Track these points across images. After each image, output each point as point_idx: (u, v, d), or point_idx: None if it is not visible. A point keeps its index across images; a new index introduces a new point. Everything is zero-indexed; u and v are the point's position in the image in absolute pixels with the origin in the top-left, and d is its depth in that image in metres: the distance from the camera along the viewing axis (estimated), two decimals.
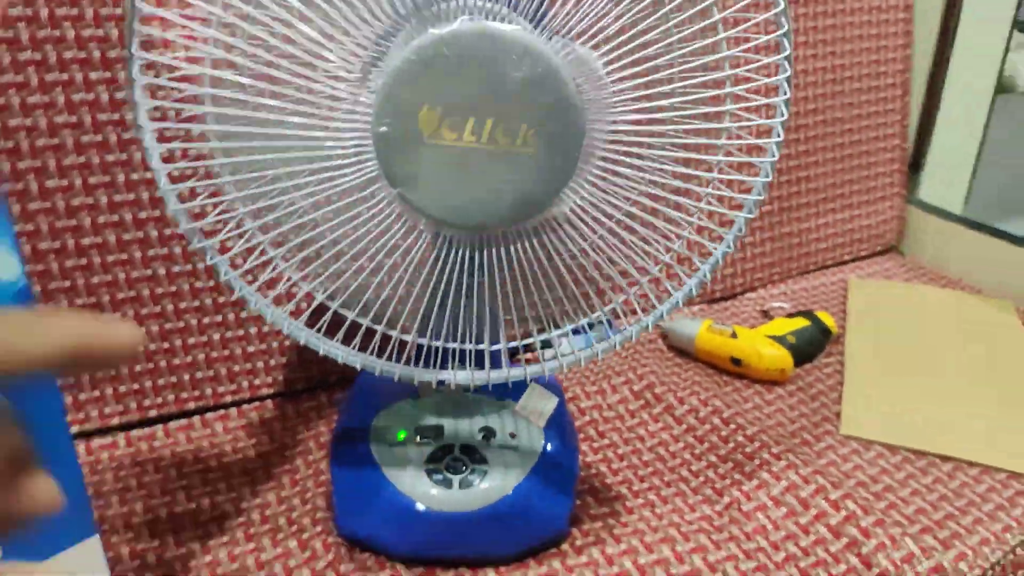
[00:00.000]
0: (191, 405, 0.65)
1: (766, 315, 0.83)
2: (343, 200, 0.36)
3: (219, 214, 0.38)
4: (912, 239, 1.00)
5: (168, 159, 0.37)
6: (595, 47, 0.35)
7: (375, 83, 0.34)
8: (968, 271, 0.93)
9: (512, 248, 0.38)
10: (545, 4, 0.36)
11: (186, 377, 0.64)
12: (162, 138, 0.38)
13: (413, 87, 0.34)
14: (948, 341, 0.78)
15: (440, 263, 0.39)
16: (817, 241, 0.93)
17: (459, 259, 0.39)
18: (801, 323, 0.76)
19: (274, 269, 0.39)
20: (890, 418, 0.66)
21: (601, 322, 0.48)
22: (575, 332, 0.49)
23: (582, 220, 0.38)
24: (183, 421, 0.64)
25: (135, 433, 0.63)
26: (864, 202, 0.96)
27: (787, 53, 0.37)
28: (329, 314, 0.42)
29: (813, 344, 0.75)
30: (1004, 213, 0.97)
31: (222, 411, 0.66)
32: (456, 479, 0.51)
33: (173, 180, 0.39)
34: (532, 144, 0.35)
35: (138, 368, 0.62)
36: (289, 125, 0.33)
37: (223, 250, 0.41)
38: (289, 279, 0.40)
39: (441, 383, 0.47)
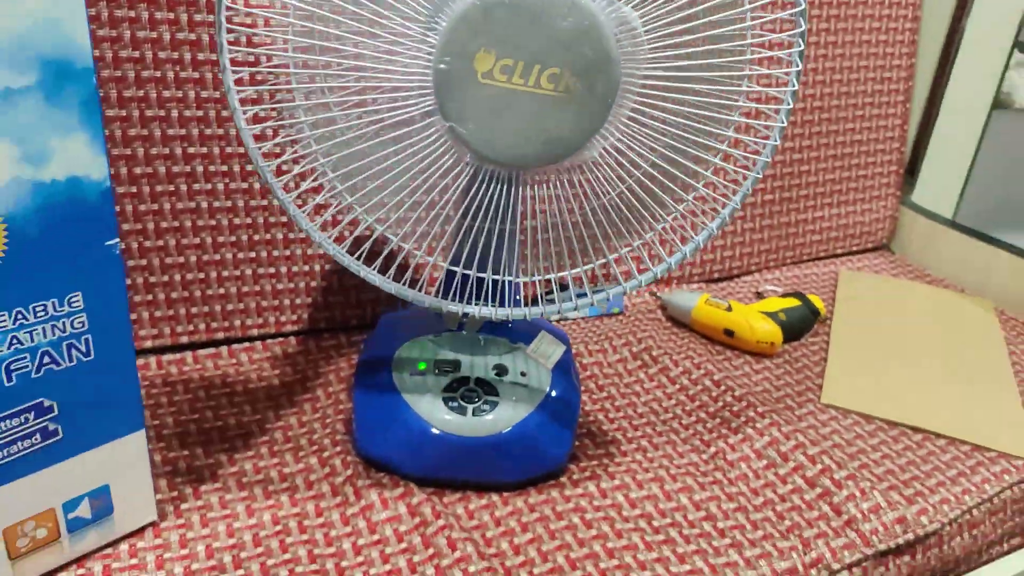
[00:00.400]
0: (220, 335, 0.69)
1: (759, 296, 0.88)
2: (401, 129, 0.40)
3: (284, 137, 0.42)
4: (903, 238, 1.05)
5: (240, 83, 0.42)
6: (635, 7, 0.40)
7: (440, 25, 0.38)
8: (953, 272, 0.98)
9: (545, 186, 0.43)
10: None
11: (218, 308, 0.68)
12: (235, 63, 0.43)
13: (473, 31, 0.38)
14: (928, 329, 0.83)
15: (480, 195, 0.43)
16: (812, 232, 0.98)
17: (497, 193, 0.43)
18: (792, 303, 0.81)
19: (330, 193, 0.43)
20: (868, 391, 0.71)
21: (603, 289, 0.52)
22: (580, 296, 0.53)
23: (608, 164, 0.43)
24: (211, 350, 0.68)
25: (166, 357, 0.67)
26: (860, 199, 1.00)
27: (802, 29, 0.42)
28: (371, 240, 0.46)
29: (803, 323, 0.80)
30: (992, 221, 1.02)
31: (248, 343, 0.70)
32: (470, 408, 0.55)
33: (243, 104, 0.43)
34: (572, 90, 0.40)
35: (174, 295, 0.66)
36: (363, 57, 0.38)
37: (279, 173, 0.45)
38: (338, 203, 0.44)
39: (466, 315, 0.51)
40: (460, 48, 0.38)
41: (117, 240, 0.40)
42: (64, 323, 0.39)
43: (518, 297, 0.52)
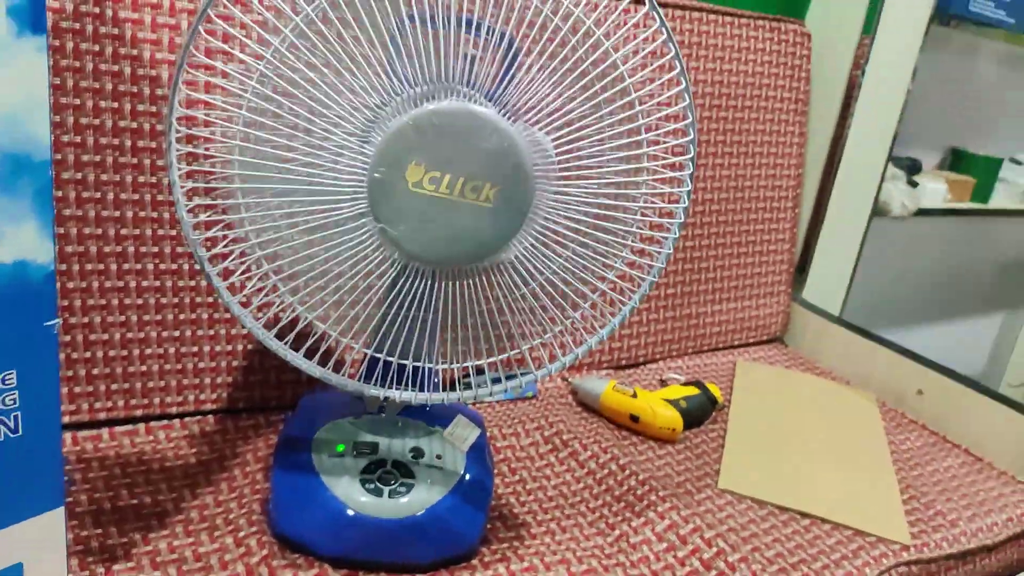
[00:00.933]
0: (138, 412, 0.69)
1: (663, 383, 0.94)
2: (335, 228, 0.44)
3: (222, 231, 0.46)
4: (795, 332, 1.14)
5: (188, 184, 0.45)
6: (547, 132, 0.45)
7: (375, 139, 0.43)
8: (840, 364, 1.07)
9: (465, 282, 0.47)
10: (507, 95, 0.46)
11: (138, 385, 0.69)
12: (187, 173, 0.46)
13: (406, 146, 0.43)
14: (816, 419, 0.90)
15: (405, 289, 0.47)
16: (712, 325, 1.05)
17: (421, 288, 0.47)
18: (692, 391, 0.87)
19: (262, 282, 0.46)
20: (761, 477, 0.76)
21: (507, 365, 0.56)
22: (495, 381, 0.57)
23: (523, 265, 0.48)
24: (129, 427, 0.69)
25: (82, 433, 0.67)
26: (755, 295, 1.09)
27: (692, 137, 0.49)
28: (300, 326, 0.49)
29: (702, 410, 0.86)
30: (873, 318, 1.13)
31: (166, 421, 0.71)
32: (386, 489, 0.57)
33: (188, 197, 0.46)
34: (492, 200, 0.45)
35: (95, 371, 0.67)
36: (303, 164, 0.42)
37: (225, 273, 0.48)
38: (269, 291, 0.47)
39: (386, 399, 0.54)
40: (394, 160, 0.43)
41: (56, 320, 0.42)
42: None
43: (436, 381, 0.56)
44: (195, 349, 0.71)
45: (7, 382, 0.41)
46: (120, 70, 0.63)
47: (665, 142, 0.47)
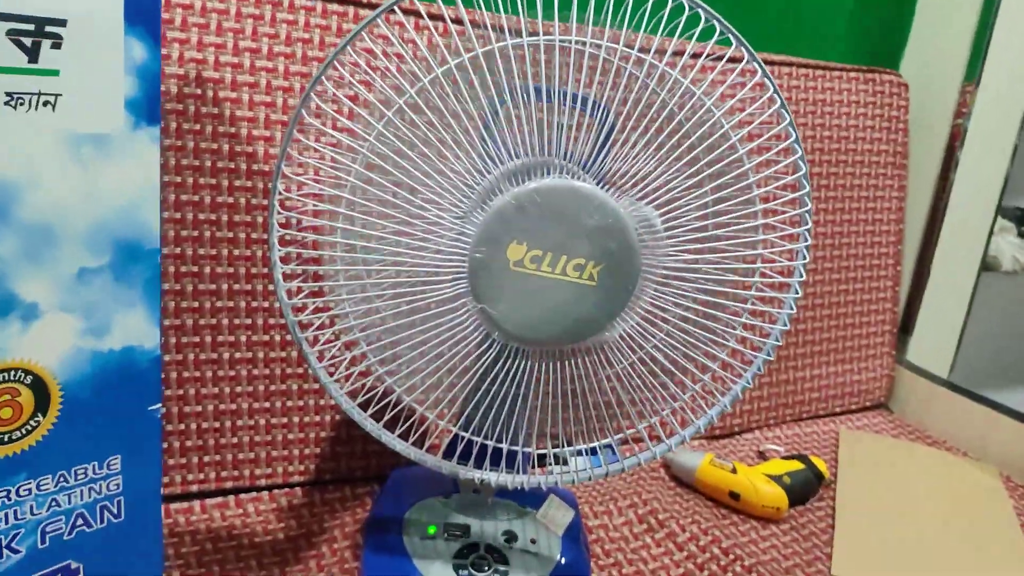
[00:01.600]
0: (228, 484, 0.69)
1: (761, 456, 0.89)
2: (435, 309, 0.43)
3: (320, 311, 0.45)
4: (900, 397, 1.07)
5: (285, 259, 0.45)
6: (656, 207, 0.43)
7: (478, 218, 0.42)
8: (952, 432, 0.99)
9: (567, 362, 0.45)
10: (611, 170, 0.45)
11: (229, 457, 0.69)
12: (283, 242, 0.46)
13: (508, 224, 0.41)
14: (935, 497, 0.83)
15: (505, 369, 0.45)
16: (811, 391, 1.00)
17: (520, 368, 0.46)
18: (796, 466, 0.81)
19: (361, 364, 0.45)
20: (879, 564, 0.70)
21: (609, 446, 0.53)
22: (587, 452, 0.54)
23: (628, 345, 0.45)
24: (219, 499, 0.68)
25: (174, 506, 0.67)
26: (856, 358, 1.03)
27: (808, 226, 0.46)
28: (400, 408, 0.48)
29: (807, 486, 0.80)
30: (987, 381, 1.05)
31: (255, 493, 0.70)
32: None
33: (285, 278, 0.46)
34: (596, 278, 0.43)
35: (188, 443, 0.67)
36: (404, 244, 0.41)
37: (313, 342, 0.48)
38: (367, 371, 0.46)
39: (482, 481, 0.52)
40: (494, 239, 0.42)
41: (160, 405, 0.42)
42: (101, 485, 0.40)
43: (532, 461, 0.54)
44: (285, 420, 0.70)
45: (111, 467, 0.41)
46: (219, 147, 0.65)
47: (781, 212, 0.45)
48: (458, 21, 0.42)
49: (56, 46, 0.35)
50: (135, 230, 0.38)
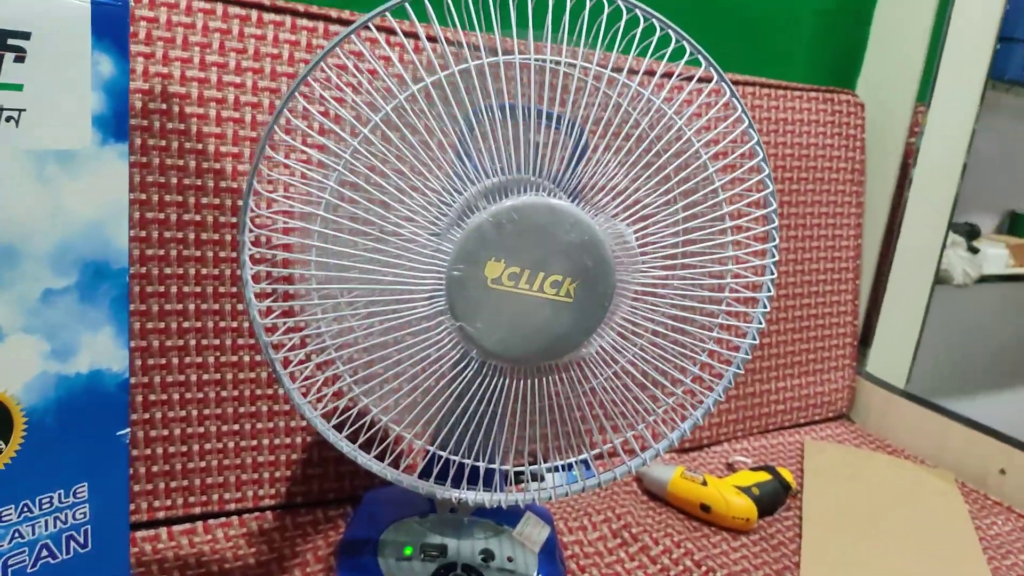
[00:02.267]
0: (197, 510, 0.67)
1: (730, 468, 0.90)
2: (412, 327, 0.42)
3: (294, 332, 0.44)
4: (861, 408, 1.10)
5: (257, 278, 0.44)
6: (629, 224, 0.44)
7: (455, 236, 0.42)
8: (911, 441, 1.02)
9: (545, 379, 0.45)
10: (585, 188, 0.45)
11: (197, 481, 0.67)
12: (254, 260, 0.45)
13: (485, 241, 0.41)
14: (895, 504, 0.85)
15: (482, 388, 0.45)
16: (776, 403, 1.01)
17: (498, 385, 0.45)
18: (764, 477, 0.82)
19: (336, 383, 0.45)
20: (845, 572, 0.71)
21: (584, 461, 0.54)
22: (562, 468, 0.54)
23: (603, 360, 0.46)
24: (187, 525, 0.67)
25: (140, 534, 0.65)
26: (819, 370, 1.05)
27: (775, 242, 0.47)
28: (376, 428, 0.48)
29: (775, 497, 0.81)
30: (941, 391, 1.08)
31: (224, 518, 0.68)
32: None
33: (257, 297, 0.45)
34: (573, 295, 0.43)
35: (155, 469, 0.65)
36: (380, 263, 0.41)
37: (285, 363, 0.47)
38: (339, 391, 0.46)
39: (459, 500, 0.51)
40: (472, 256, 0.42)
41: (128, 430, 0.40)
42: (67, 514, 0.39)
43: (508, 479, 0.53)
44: (254, 443, 0.69)
45: (78, 495, 0.39)
46: (186, 164, 0.64)
47: (749, 229, 0.45)
48: (432, 39, 0.42)
49: (20, 59, 0.34)
50: (102, 249, 0.38)
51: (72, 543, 0.40)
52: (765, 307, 0.50)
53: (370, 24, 0.44)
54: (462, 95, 0.42)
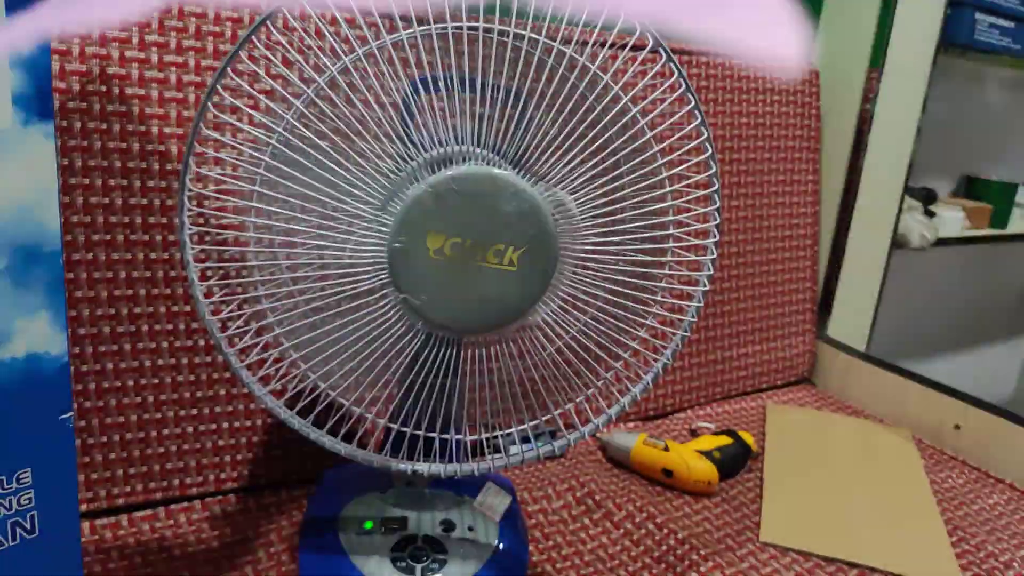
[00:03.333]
0: (157, 496, 0.67)
1: (693, 433, 0.91)
2: (356, 301, 0.42)
3: (239, 310, 0.44)
4: (822, 371, 1.11)
5: (200, 259, 0.44)
6: (570, 192, 0.44)
7: (395, 208, 0.42)
8: (871, 402, 1.04)
9: (491, 349, 0.46)
10: (526, 156, 0.45)
11: (156, 467, 0.67)
12: (200, 240, 0.45)
13: (426, 213, 0.41)
14: (854, 462, 0.87)
15: (429, 358, 0.45)
16: (738, 369, 1.03)
17: (445, 357, 0.46)
18: (726, 440, 0.84)
19: (282, 360, 0.45)
20: (804, 528, 0.73)
21: (545, 432, 0.54)
22: (524, 440, 0.55)
23: (550, 328, 0.46)
24: (148, 511, 0.66)
25: (100, 521, 0.65)
26: (780, 336, 1.07)
27: (717, 205, 0.47)
28: (322, 403, 0.48)
29: (736, 460, 0.83)
30: (900, 351, 1.10)
31: (186, 503, 0.68)
32: (418, 567, 0.55)
33: (202, 278, 0.45)
34: (516, 263, 0.43)
35: (112, 456, 0.65)
36: (320, 237, 0.41)
37: (231, 344, 0.47)
38: (287, 368, 0.46)
39: (415, 472, 0.52)
40: (414, 228, 0.42)
41: (71, 413, 0.40)
42: (11, 500, 0.39)
43: (465, 449, 0.54)
44: (213, 427, 0.69)
45: (22, 481, 0.39)
46: (128, 147, 0.63)
47: (690, 194, 0.46)
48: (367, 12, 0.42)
49: None
50: (32, 232, 0.37)
51: (18, 529, 0.40)
52: (710, 270, 0.51)
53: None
54: (397, 66, 0.41)
